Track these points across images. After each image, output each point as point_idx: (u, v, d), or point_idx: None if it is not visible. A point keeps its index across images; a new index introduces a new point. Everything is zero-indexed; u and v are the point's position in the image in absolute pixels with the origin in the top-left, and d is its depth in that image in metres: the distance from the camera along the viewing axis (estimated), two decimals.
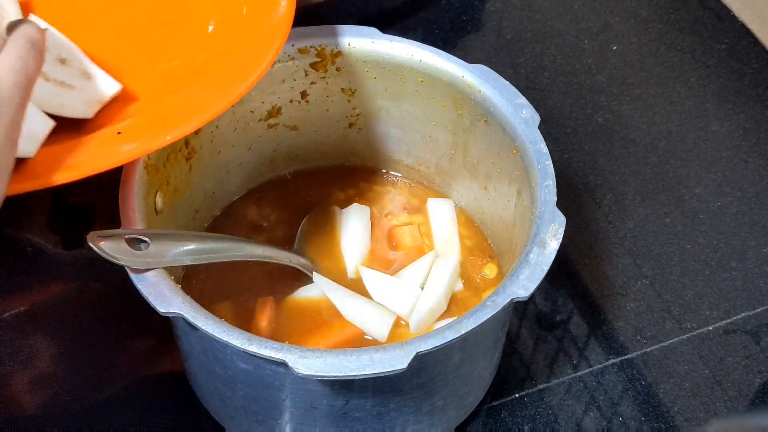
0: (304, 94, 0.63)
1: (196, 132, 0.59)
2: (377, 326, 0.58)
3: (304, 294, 0.60)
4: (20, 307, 0.65)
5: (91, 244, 0.46)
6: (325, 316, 0.59)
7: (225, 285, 0.61)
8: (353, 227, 0.64)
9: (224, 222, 0.66)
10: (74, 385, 0.62)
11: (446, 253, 0.63)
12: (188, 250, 0.51)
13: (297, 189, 0.67)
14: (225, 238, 0.56)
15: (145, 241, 0.48)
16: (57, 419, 0.60)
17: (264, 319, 0.59)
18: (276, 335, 0.58)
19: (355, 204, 0.66)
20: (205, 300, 0.51)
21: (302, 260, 0.61)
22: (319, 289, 0.60)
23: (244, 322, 0.59)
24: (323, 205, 0.66)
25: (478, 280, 0.62)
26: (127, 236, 0.48)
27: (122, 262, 0.47)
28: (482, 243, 0.65)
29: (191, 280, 0.61)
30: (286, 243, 0.63)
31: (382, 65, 0.61)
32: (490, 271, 0.63)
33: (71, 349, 0.64)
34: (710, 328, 0.67)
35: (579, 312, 0.67)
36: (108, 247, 0.46)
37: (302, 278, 0.61)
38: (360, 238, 0.64)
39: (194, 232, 0.58)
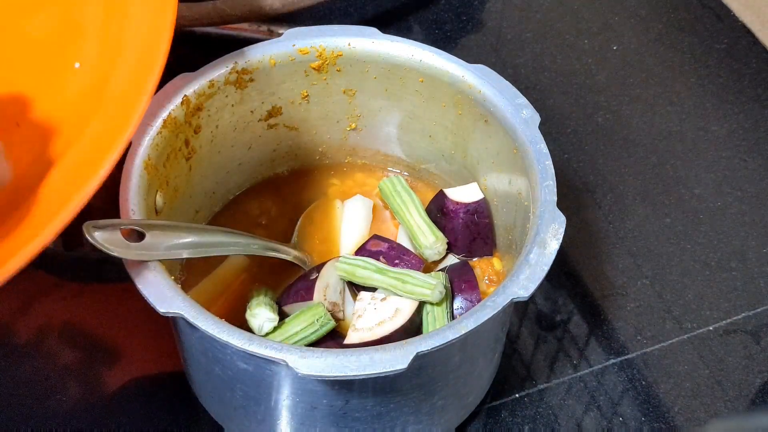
0: (304, 95, 0.63)
1: (196, 131, 0.59)
2: None
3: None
4: (19, 307, 0.65)
5: (86, 234, 0.46)
6: None
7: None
8: (354, 217, 0.64)
9: (223, 217, 0.66)
10: (73, 385, 0.62)
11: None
12: (184, 243, 0.51)
13: (297, 186, 0.67)
14: (222, 232, 0.56)
15: (142, 235, 0.48)
16: (56, 419, 0.60)
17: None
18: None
19: (359, 195, 0.66)
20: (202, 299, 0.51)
21: (299, 254, 0.61)
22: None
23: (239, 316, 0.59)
24: (322, 199, 0.66)
25: (489, 272, 0.62)
26: (122, 227, 0.48)
27: (116, 254, 0.46)
28: None
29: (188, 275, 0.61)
30: (285, 238, 0.63)
31: (382, 65, 0.61)
32: (498, 263, 0.63)
33: (70, 349, 0.64)
34: (710, 328, 0.67)
35: (579, 312, 0.67)
36: (102, 237, 0.46)
37: (299, 272, 0.61)
38: (358, 229, 0.64)
39: (191, 224, 0.58)
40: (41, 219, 0.44)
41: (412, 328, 0.56)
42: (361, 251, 0.61)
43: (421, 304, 0.57)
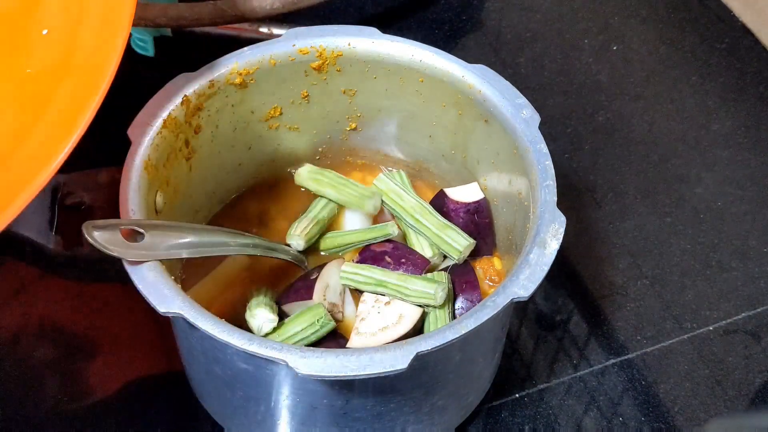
0: (304, 95, 0.63)
1: (196, 132, 0.59)
2: None
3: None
4: (19, 308, 0.65)
5: (86, 234, 0.46)
6: None
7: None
8: (354, 217, 0.64)
9: (223, 217, 0.65)
10: (74, 386, 0.62)
11: None
12: (184, 243, 0.51)
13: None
14: (222, 232, 0.55)
15: (141, 234, 0.48)
16: (56, 419, 0.60)
17: None
18: None
19: None
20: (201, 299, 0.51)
21: (298, 254, 0.61)
22: None
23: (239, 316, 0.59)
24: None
25: (490, 272, 0.62)
26: (122, 227, 0.48)
27: (116, 254, 0.46)
28: None
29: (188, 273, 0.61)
30: (285, 238, 0.63)
31: (382, 65, 0.61)
32: (498, 263, 0.63)
33: (70, 349, 0.64)
34: (710, 328, 0.67)
35: (579, 312, 0.67)
36: (102, 237, 0.46)
37: (299, 272, 0.61)
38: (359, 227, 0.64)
39: (190, 224, 0.58)
40: (14, 188, 0.43)
41: (416, 334, 0.56)
42: (366, 251, 0.61)
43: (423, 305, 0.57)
